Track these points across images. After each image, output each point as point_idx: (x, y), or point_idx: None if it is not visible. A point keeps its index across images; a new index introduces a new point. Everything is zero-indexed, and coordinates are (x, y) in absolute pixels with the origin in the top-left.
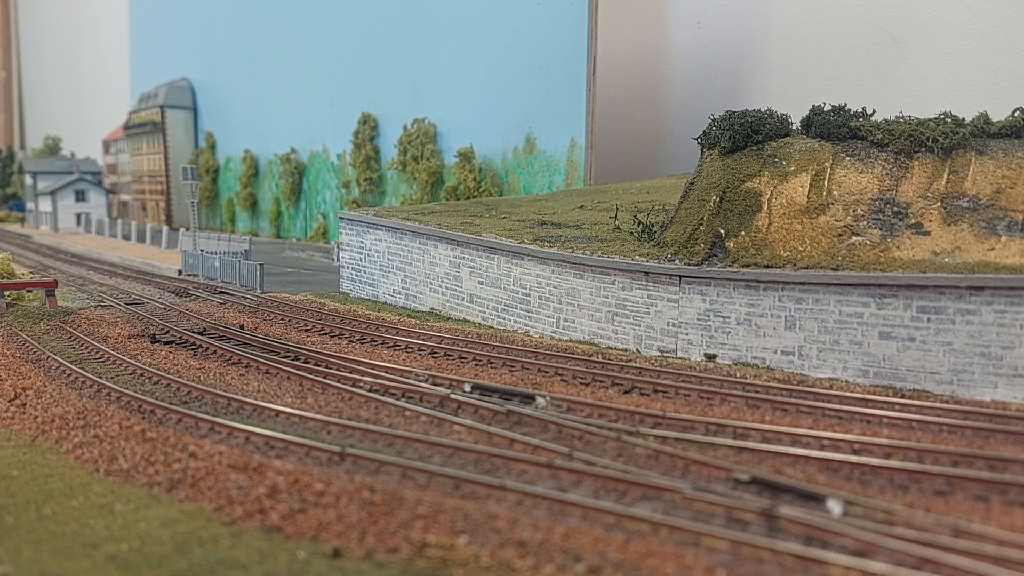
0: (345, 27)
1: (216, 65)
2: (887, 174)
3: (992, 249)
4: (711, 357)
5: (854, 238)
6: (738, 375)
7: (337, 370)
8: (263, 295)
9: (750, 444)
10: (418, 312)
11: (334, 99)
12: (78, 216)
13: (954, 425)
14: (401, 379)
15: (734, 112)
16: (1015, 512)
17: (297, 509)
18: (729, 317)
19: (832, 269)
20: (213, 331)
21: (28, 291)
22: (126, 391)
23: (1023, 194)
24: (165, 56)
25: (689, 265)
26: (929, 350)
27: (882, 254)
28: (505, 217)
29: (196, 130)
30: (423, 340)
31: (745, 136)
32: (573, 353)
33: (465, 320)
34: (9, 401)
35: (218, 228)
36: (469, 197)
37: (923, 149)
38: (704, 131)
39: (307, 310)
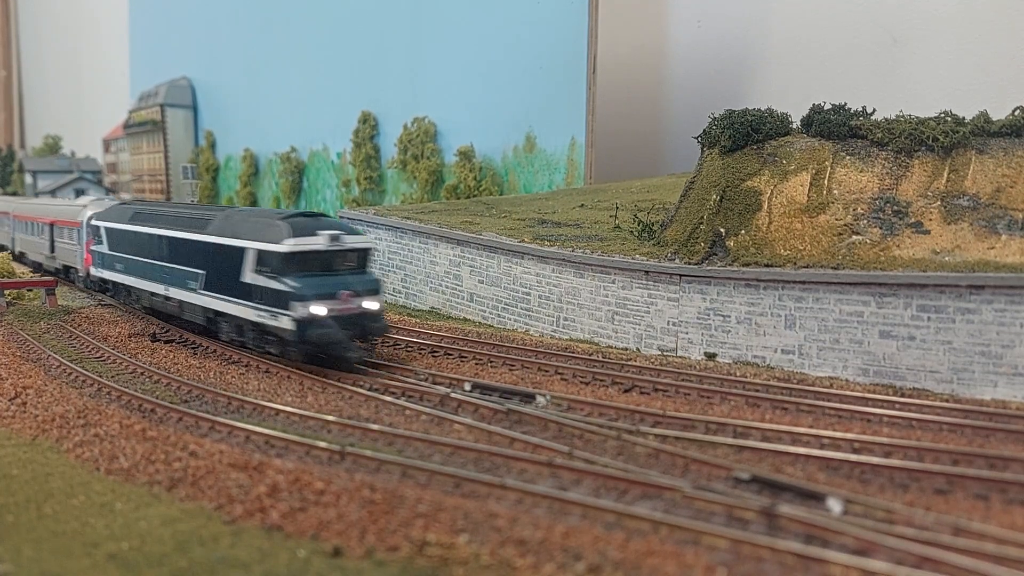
0: (345, 27)
1: (216, 64)
2: (887, 173)
3: (992, 248)
4: (711, 356)
5: (854, 237)
6: (738, 374)
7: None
8: None
9: (750, 443)
10: (418, 311)
11: (334, 98)
12: None
13: (954, 424)
14: (401, 378)
15: (734, 111)
16: (1015, 511)
17: (297, 508)
18: (729, 316)
19: (832, 268)
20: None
21: (28, 290)
22: (126, 390)
23: (1023, 193)
24: (165, 55)
25: (689, 264)
26: (929, 349)
27: (882, 253)
28: (505, 216)
29: (196, 129)
30: (423, 339)
31: (745, 135)
32: (573, 352)
33: (465, 319)
34: (10, 400)
35: None
36: (469, 196)
37: (923, 148)
38: (704, 130)
39: None
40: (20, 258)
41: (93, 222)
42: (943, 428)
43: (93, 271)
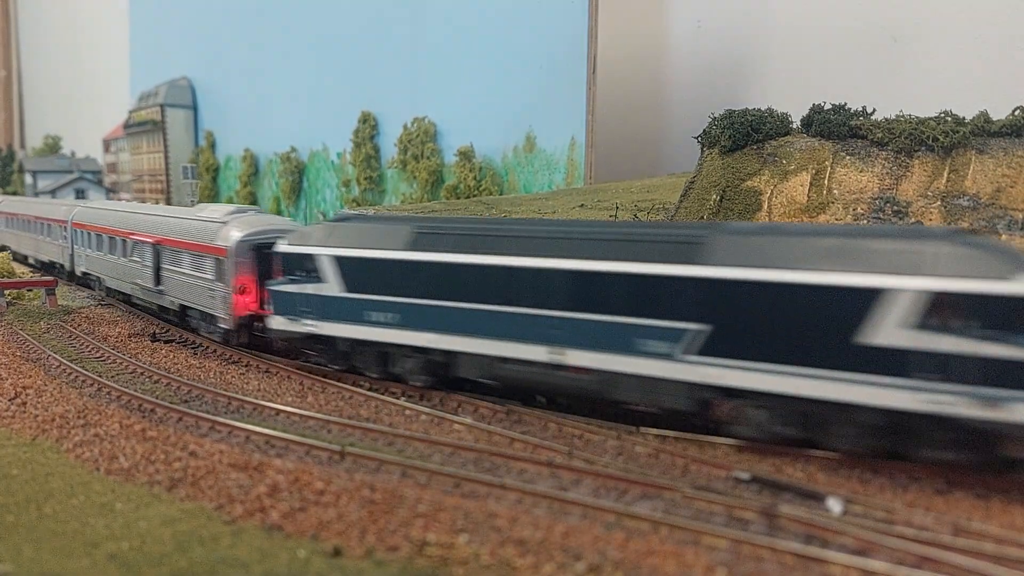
0: (345, 27)
1: (216, 64)
2: (887, 173)
3: None
4: None
5: None
6: None
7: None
8: None
9: (750, 443)
10: None
11: (334, 98)
12: None
13: None
14: None
15: (734, 111)
16: (1015, 510)
17: (297, 508)
18: None
19: None
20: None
21: (28, 290)
22: (126, 390)
23: (1023, 193)
24: (165, 55)
25: None
26: None
27: None
28: (505, 216)
29: (196, 129)
30: None
31: (745, 135)
32: None
33: None
34: (9, 400)
35: None
36: (469, 196)
37: (923, 148)
38: (704, 130)
39: None
40: (83, 280)
41: (292, 249)
42: None
43: (284, 324)
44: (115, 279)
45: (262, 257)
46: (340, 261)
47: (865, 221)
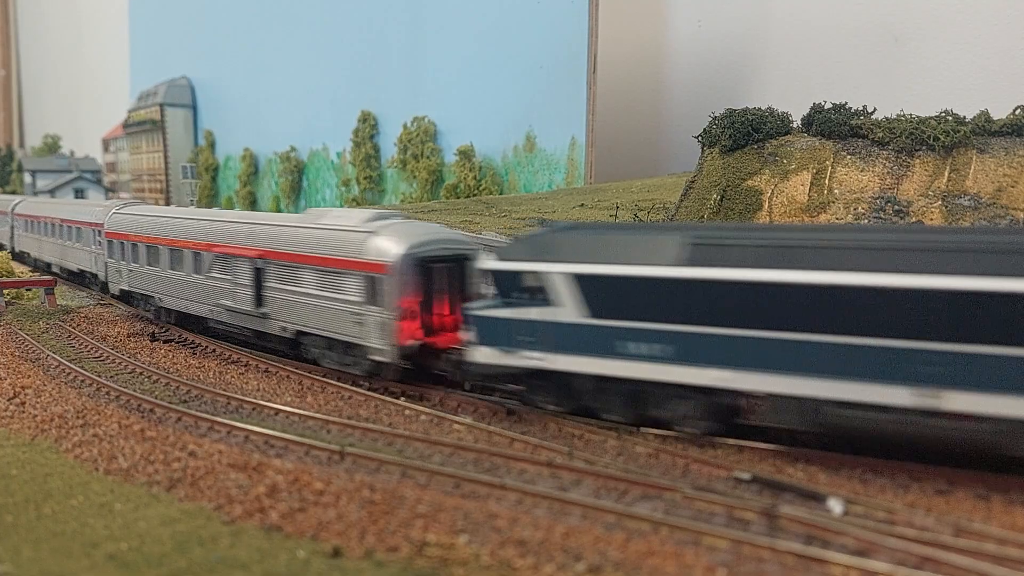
0: (345, 26)
1: (216, 64)
2: (888, 172)
3: None
4: None
5: None
6: None
7: None
8: None
9: (751, 443)
10: None
11: (334, 98)
12: None
13: None
14: None
15: (734, 110)
16: (1015, 510)
17: (297, 508)
18: None
19: None
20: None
21: (28, 289)
22: (125, 390)
23: None
24: (165, 55)
25: None
26: None
27: None
28: (505, 215)
29: (196, 128)
30: None
31: (746, 134)
32: None
33: None
34: (8, 400)
35: None
36: (469, 196)
37: (924, 147)
38: (704, 129)
39: None
40: (124, 298)
41: (509, 266)
42: None
43: (495, 356)
44: (181, 299)
45: (427, 274)
46: (581, 280)
47: (866, 220)
